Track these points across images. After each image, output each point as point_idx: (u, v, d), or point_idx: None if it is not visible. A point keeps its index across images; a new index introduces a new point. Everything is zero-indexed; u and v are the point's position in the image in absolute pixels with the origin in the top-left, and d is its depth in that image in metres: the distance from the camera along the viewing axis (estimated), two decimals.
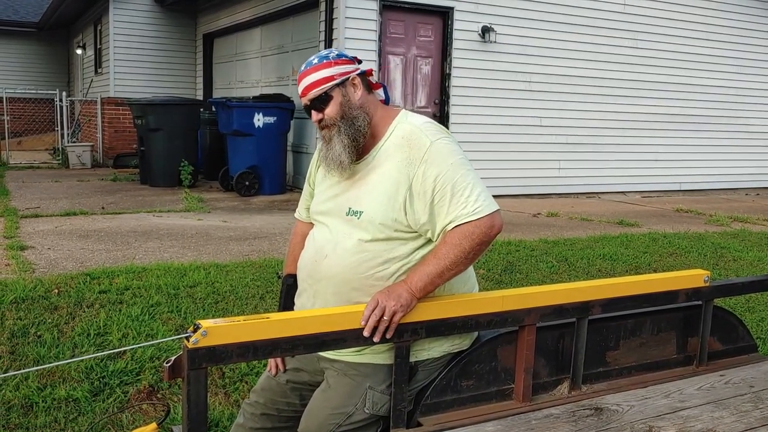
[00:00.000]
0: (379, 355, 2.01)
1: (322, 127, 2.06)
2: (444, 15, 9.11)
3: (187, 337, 1.68)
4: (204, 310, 4.09)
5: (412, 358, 2.00)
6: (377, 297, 1.89)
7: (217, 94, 12.83)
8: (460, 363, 2.07)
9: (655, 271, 5.52)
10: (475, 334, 2.14)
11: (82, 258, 5.16)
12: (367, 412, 2.01)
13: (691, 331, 2.45)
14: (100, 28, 14.30)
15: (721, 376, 2.32)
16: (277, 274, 2.68)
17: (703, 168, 11.39)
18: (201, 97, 13.25)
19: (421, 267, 1.94)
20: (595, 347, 2.26)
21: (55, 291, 4.17)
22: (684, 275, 2.43)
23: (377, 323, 1.86)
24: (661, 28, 10.57)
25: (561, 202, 9.54)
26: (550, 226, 7.37)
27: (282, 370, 2.24)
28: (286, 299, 2.28)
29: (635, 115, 10.58)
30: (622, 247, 6.27)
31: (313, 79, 2.03)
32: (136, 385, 3.32)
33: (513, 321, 2.07)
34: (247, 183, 9.16)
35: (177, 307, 4.09)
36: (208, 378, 1.76)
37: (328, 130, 2.04)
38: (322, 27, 8.69)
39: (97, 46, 14.65)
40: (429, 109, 9.15)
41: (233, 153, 9.37)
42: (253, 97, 9.39)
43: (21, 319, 3.78)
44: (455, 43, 9.13)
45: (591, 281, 2.32)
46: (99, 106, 13.32)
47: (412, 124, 2.05)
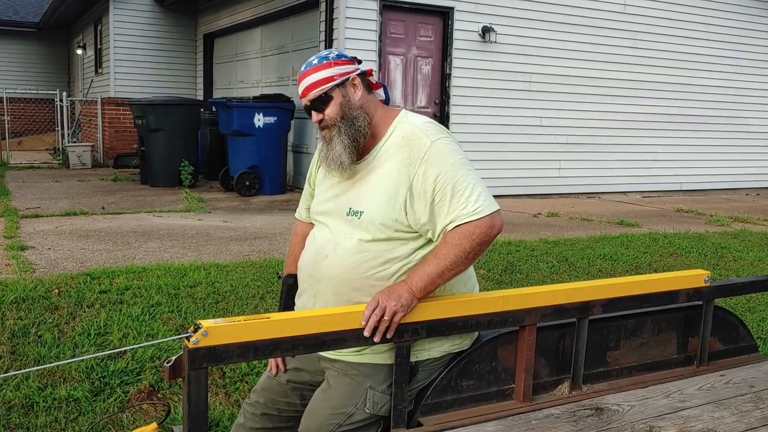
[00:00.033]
0: (379, 355, 2.01)
1: (322, 128, 2.06)
2: (444, 15, 9.11)
3: (187, 337, 1.68)
4: (204, 310, 4.09)
5: (413, 358, 2.00)
6: (378, 297, 1.89)
7: (217, 94, 12.83)
8: (461, 363, 2.07)
9: (655, 271, 5.52)
10: (476, 334, 2.14)
11: (83, 258, 5.16)
12: (367, 412, 2.01)
13: (692, 331, 2.45)
14: (100, 28, 14.30)
15: (721, 376, 2.32)
16: (278, 274, 2.68)
17: (704, 168, 11.40)
18: (201, 97, 13.25)
19: (422, 267, 1.94)
20: (596, 347, 2.26)
21: (56, 291, 4.17)
22: (684, 275, 2.43)
23: (378, 323, 1.87)
24: (661, 28, 10.57)
25: (561, 202, 9.54)
26: (550, 226, 7.37)
27: (282, 370, 2.24)
28: (287, 299, 2.29)
29: (635, 115, 10.58)
30: (623, 247, 6.26)
31: (313, 79, 2.03)
32: (137, 385, 3.32)
33: (513, 321, 2.07)
34: (247, 183, 9.16)
35: (177, 307, 4.09)
36: (209, 378, 1.76)
37: (328, 131, 2.05)
38: (323, 27, 8.69)
39: (98, 46, 14.66)
40: (429, 109, 9.14)
41: (233, 153, 9.37)
42: (254, 98, 9.39)
43: (21, 319, 3.78)
44: (455, 43, 9.14)
45: (591, 281, 2.32)
46: (99, 106, 13.32)
47: (413, 124, 2.05)
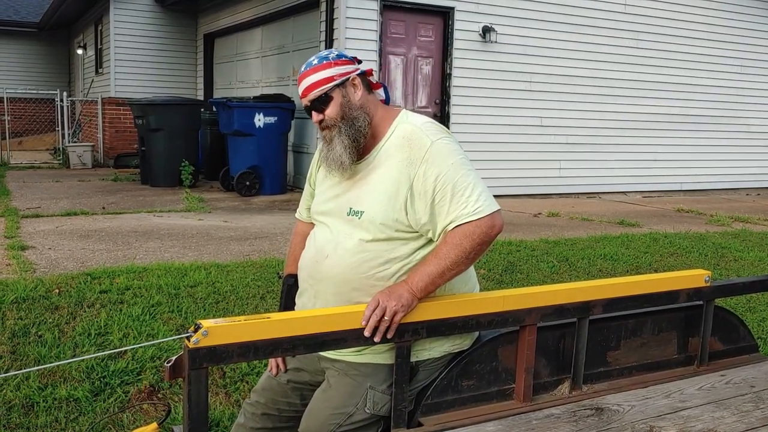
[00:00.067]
0: (379, 355, 2.01)
1: (322, 128, 2.06)
2: (445, 15, 9.11)
3: (188, 337, 1.68)
4: (205, 310, 4.09)
5: (413, 358, 2.00)
6: (378, 297, 1.89)
7: (217, 94, 12.83)
8: (461, 363, 2.07)
9: (655, 271, 5.51)
10: (476, 334, 2.14)
11: (83, 258, 5.16)
12: (367, 412, 2.01)
13: (692, 331, 2.45)
14: (100, 28, 14.31)
15: (721, 376, 2.32)
16: (278, 274, 2.68)
17: (704, 168, 11.39)
18: (202, 97, 13.26)
19: (422, 267, 1.94)
20: (596, 347, 2.26)
21: (56, 291, 4.17)
22: (685, 275, 2.43)
23: (378, 323, 1.86)
24: (662, 28, 10.57)
25: (562, 202, 9.54)
26: (550, 226, 7.37)
27: (283, 369, 2.24)
28: (287, 299, 2.28)
29: (636, 115, 10.57)
30: (623, 247, 6.26)
31: (313, 80, 2.03)
32: (137, 385, 3.32)
33: (514, 321, 2.07)
34: (247, 183, 9.16)
35: (178, 307, 4.09)
36: (209, 378, 1.76)
37: (328, 131, 2.04)
38: (323, 27, 8.69)
39: (98, 46, 14.66)
40: (429, 109, 9.14)
41: (234, 153, 9.37)
42: (254, 97, 9.39)
43: (22, 319, 3.78)
44: (456, 43, 9.13)
45: (592, 281, 2.32)
46: (100, 106, 13.32)
47: (413, 123, 2.05)
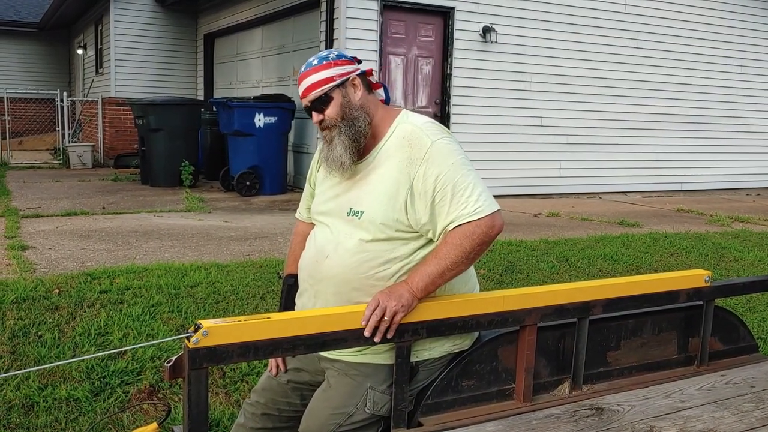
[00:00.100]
0: (379, 355, 2.01)
1: (323, 128, 2.06)
2: (445, 15, 9.11)
3: (188, 337, 1.68)
4: (205, 310, 4.09)
5: (413, 358, 2.00)
6: (378, 297, 1.89)
7: (218, 94, 12.83)
8: (461, 363, 2.07)
9: (655, 271, 5.51)
10: (476, 334, 2.14)
11: (83, 258, 5.16)
12: (367, 412, 2.01)
13: (692, 331, 2.45)
14: (101, 28, 14.31)
15: (722, 376, 2.32)
16: (278, 274, 2.68)
17: (704, 168, 11.39)
18: (202, 97, 13.26)
19: (422, 267, 1.94)
20: (596, 347, 2.26)
21: (56, 291, 4.17)
22: (685, 275, 2.43)
23: (378, 323, 1.86)
24: (662, 28, 10.57)
25: (562, 202, 9.54)
26: (550, 226, 7.37)
27: (283, 370, 2.24)
28: (287, 299, 2.28)
29: (636, 115, 10.57)
30: (623, 247, 6.26)
31: (313, 80, 2.03)
32: (137, 385, 3.32)
33: (514, 321, 2.07)
34: (247, 183, 9.16)
35: (178, 307, 4.09)
36: (209, 378, 1.76)
37: (329, 131, 2.04)
38: (323, 27, 8.69)
39: (98, 46, 14.66)
40: (430, 109, 9.14)
41: (234, 153, 9.37)
42: (254, 97, 9.39)
43: (22, 319, 3.78)
44: (456, 43, 9.13)
45: (592, 281, 2.32)
46: (100, 106, 13.33)
47: (413, 123, 2.05)
